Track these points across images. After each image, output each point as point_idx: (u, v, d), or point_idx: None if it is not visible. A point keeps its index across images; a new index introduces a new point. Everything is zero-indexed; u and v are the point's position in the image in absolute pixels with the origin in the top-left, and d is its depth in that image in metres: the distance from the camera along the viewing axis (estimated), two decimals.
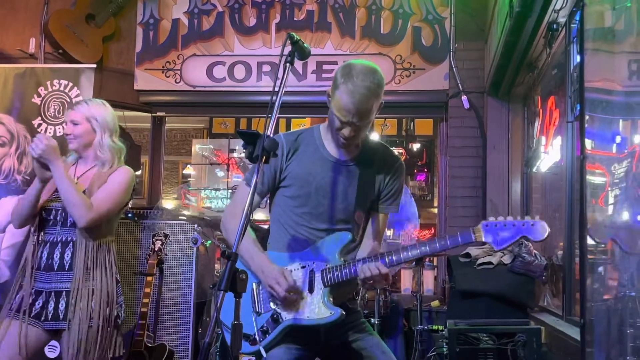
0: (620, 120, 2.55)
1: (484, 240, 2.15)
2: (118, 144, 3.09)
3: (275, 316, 2.21)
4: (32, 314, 2.88)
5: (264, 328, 2.21)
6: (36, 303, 2.89)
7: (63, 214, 2.94)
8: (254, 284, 2.28)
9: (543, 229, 2.12)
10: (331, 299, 2.21)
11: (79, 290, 2.87)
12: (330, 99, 2.26)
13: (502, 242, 2.12)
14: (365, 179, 2.35)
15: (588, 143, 2.80)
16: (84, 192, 2.94)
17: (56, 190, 2.96)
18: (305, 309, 2.20)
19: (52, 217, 2.96)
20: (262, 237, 2.43)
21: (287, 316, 2.21)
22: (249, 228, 2.23)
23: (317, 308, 2.19)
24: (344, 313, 2.20)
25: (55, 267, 2.92)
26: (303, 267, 2.25)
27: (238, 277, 1.75)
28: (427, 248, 2.17)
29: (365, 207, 2.37)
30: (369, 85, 2.17)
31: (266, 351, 2.17)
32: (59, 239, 2.94)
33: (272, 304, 2.23)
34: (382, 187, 2.39)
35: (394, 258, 2.18)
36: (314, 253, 2.26)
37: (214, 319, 2.07)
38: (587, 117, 2.80)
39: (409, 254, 2.18)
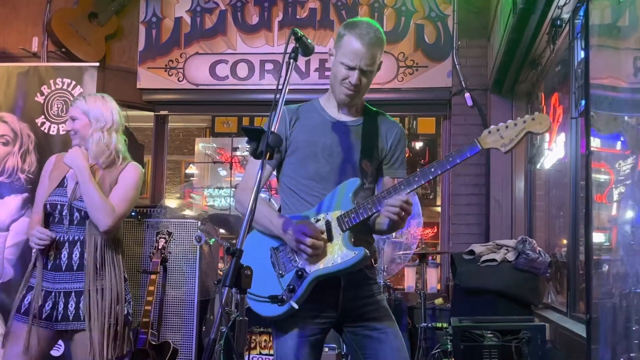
0: (626, 117, 2.54)
1: (490, 146, 2.14)
2: (107, 139, 2.97)
3: (299, 272, 2.21)
4: (43, 316, 2.86)
5: (291, 287, 2.21)
6: (46, 305, 2.87)
7: (69, 210, 2.91)
8: (270, 249, 2.29)
9: (544, 120, 2.10)
10: (352, 240, 2.21)
11: (91, 289, 2.86)
12: (335, 52, 2.35)
13: (509, 143, 2.12)
14: (370, 138, 2.39)
15: (593, 141, 2.79)
16: None
17: (59, 185, 2.96)
18: (328, 257, 2.20)
19: (57, 212, 2.92)
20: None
21: (311, 269, 2.21)
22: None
23: (340, 252, 2.20)
24: (367, 251, 2.20)
25: (64, 268, 2.89)
26: (317, 220, 2.26)
27: (243, 273, 1.74)
28: (437, 169, 2.17)
29: (372, 162, 2.38)
30: (375, 32, 2.31)
31: (297, 303, 2.17)
32: (66, 238, 2.91)
33: (293, 263, 2.24)
34: (386, 149, 2.42)
35: (408, 188, 2.17)
36: (326, 205, 2.28)
37: (219, 316, 2.06)
38: (592, 114, 2.78)
39: (421, 180, 2.18)
